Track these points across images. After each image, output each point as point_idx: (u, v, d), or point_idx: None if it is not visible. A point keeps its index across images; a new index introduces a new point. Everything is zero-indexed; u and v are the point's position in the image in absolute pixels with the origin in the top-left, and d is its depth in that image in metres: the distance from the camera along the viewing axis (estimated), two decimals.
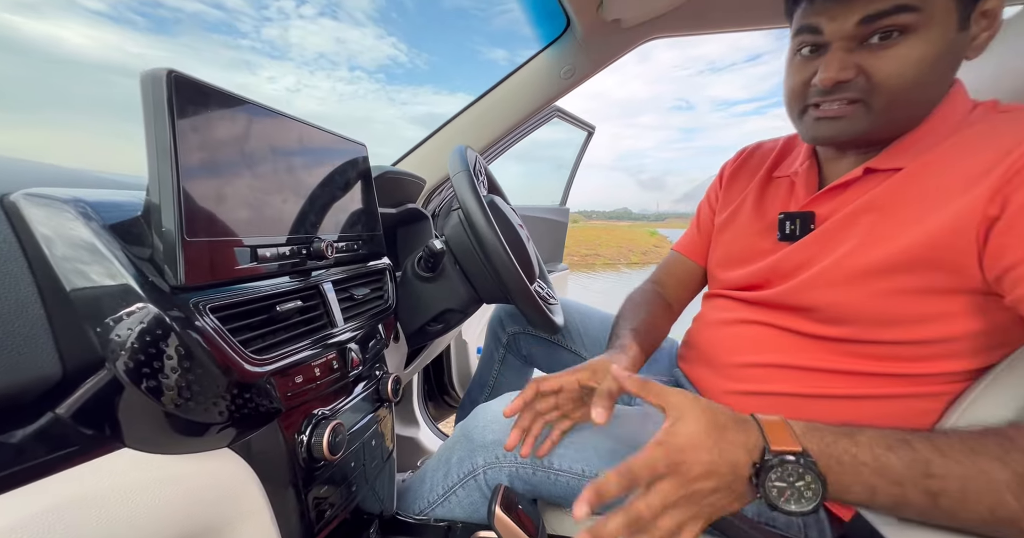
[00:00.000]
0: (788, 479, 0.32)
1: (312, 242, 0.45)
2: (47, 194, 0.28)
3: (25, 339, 0.25)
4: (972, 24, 0.42)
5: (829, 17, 0.43)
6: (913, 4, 0.39)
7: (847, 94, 0.44)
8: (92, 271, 0.28)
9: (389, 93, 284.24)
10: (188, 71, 0.30)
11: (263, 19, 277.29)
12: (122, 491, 0.27)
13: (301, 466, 0.38)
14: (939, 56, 0.41)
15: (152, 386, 0.28)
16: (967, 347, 0.44)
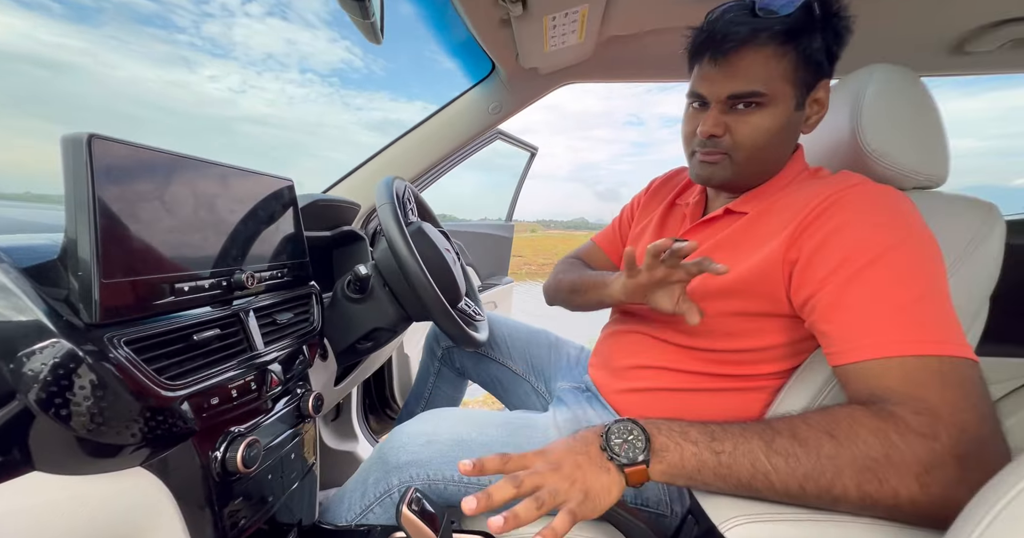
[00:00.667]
0: (623, 436, 0.42)
1: (234, 274, 0.49)
2: None
3: None
4: (806, 107, 0.56)
5: (708, 88, 0.55)
6: (762, 91, 0.52)
7: (718, 149, 0.57)
8: (5, 311, 0.31)
9: (344, 98, 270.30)
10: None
11: (203, 15, 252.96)
12: (32, 511, 0.31)
13: (215, 480, 0.42)
14: (780, 127, 0.54)
15: (64, 414, 0.32)
16: (780, 354, 0.56)
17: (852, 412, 0.40)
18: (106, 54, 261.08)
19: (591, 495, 0.40)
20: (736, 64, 0.52)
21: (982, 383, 0.39)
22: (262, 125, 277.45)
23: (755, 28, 0.50)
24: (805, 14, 0.50)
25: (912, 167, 0.59)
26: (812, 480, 0.38)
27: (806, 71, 0.52)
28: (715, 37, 0.52)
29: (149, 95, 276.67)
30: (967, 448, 0.36)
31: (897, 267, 0.44)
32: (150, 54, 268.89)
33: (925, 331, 0.41)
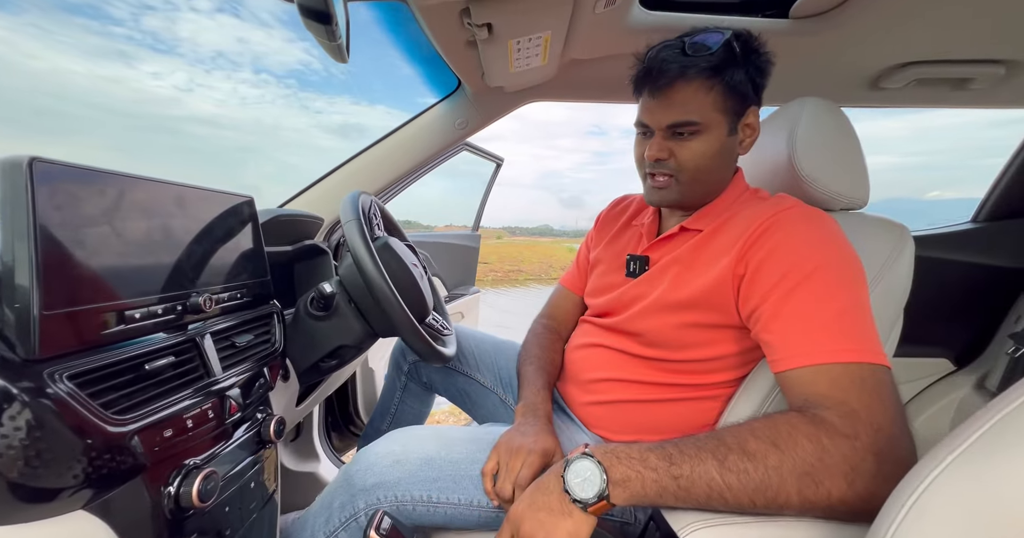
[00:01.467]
0: (582, 474, 0.44)
1: (190, 297, 0.47)
2: None
3: None
4: (739, 131, 0.61)
5: (651, 118, 0.60)
6: (697, 120, 0.57)
7: (665, 170, 0.61)
8: None
9: (302, 100, 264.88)
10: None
11: (143, 7, 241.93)
12: None
13: (167, 517, 0.39)
14: (717, 151, 0.60)
15: None
16: (731, 363, 0.60)
17: (790, 420, 0.44)
18: (26, 43, 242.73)
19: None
20: (672, 97, 0.57)
21: (894, 387, 0.45)
22: (212, 126, 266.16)
23: (684, 65, 0.56)
24: (727, 52, 0.56)
25: (839, 191, 0.66)
26: (760, 493, 0.41)
27: (734, 101, 0.58)
28: (652, 73, 0.58)
29: (76, 90, 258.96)
30: (882, 445, 0.40)
31: (826, 283, 0.49)
32: (80, 46, 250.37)
33: (849, 341, 0.46)
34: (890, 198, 7.18)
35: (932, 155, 20.60)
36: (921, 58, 0.84)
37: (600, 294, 0.75)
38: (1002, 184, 1.08)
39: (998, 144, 1.11)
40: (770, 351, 0.51)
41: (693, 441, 0.45)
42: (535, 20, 0.69)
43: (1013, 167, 1.07)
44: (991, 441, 0.31)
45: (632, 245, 0.73)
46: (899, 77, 0.87)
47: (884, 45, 0.81)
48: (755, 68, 0.58)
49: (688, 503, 0.43)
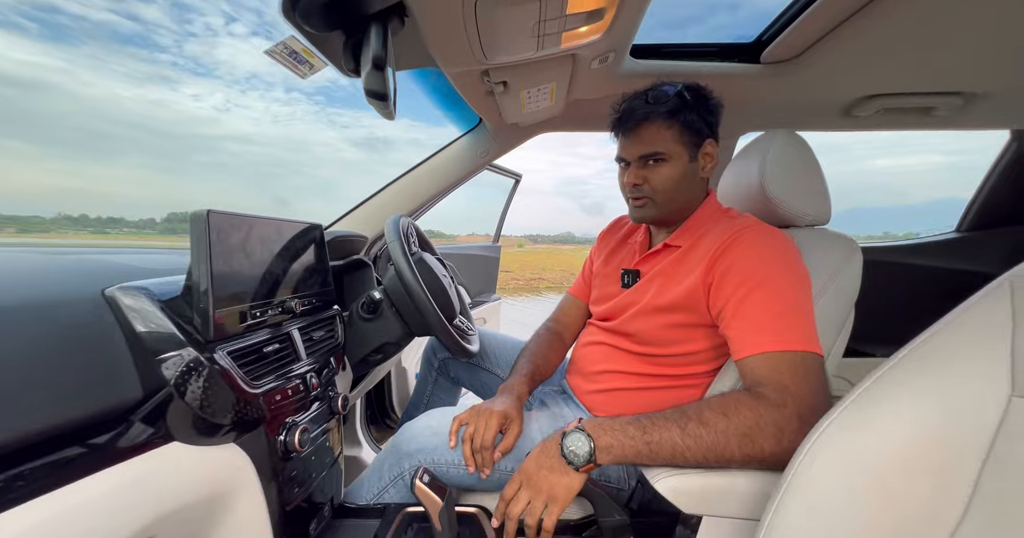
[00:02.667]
0: (575, 443, 0.58)
1: (285, 302, 0.64)
2: (129, 286, 0.46)
3: (120, 376, 0.43)
4: (700, 158, 0.75)
5: (626, 152, 0.76)
6: (661, 151, 0.72)
7: (642, 194, 0.76)
8: (158, 330, 0.46)
9: (329, 115, 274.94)
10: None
11: (186, 34, 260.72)
12: (173, 469, 0.45)
13: (279, 456, 0.56)
14: (681, 175, 0.74)
15: (192, 400, 0.46)
16: (706, 357, 0.73)
17: (737, 396, 0.57)
18: (84, 73, 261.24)
19: (556, 495, 0.57)
20: (640, 134, 0.73)
21: (820, 369, 0.58)
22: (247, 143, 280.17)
23: (647, 111, 0.72)
24: (680, 99, 0.72)
25: (803, 210, 0.78)
26: (712, 451, 0.55)
27: (691, 135, 0.73)
28: (623, 119, 0.75)
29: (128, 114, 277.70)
30: (804, 411, 0.53)
31: (772, 289, 0.62)
32: (130, 74, 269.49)
33: (788, 334, 0.59)
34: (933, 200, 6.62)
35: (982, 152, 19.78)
36: (885, 91, 0.95)
37: (602, 302, 0.89)
38: (983, 195, 1.16)
39: None
40: (731, 343, 0.64)
41: (662, 414, 0.59)
42: (542, 76, 0.85)
43: (992, 178, 1.14)
44: (859, 404, 0.44)
45: (627, 260, 0.88)
46: (867, 107, 0.98)
47: (849, 82, 0.93)
48: (705, 110, 0.74)
49: (657, 461, 0.57)
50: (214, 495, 0.49)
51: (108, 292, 0.46)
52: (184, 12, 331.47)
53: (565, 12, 0.59)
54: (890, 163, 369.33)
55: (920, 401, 0.40)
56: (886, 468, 0.40)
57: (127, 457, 0.42)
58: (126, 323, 0.45)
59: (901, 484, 0.39)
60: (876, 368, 0.45)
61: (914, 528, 0.38)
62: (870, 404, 0.44)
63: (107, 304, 0.45)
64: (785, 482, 0.46)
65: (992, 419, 0.37)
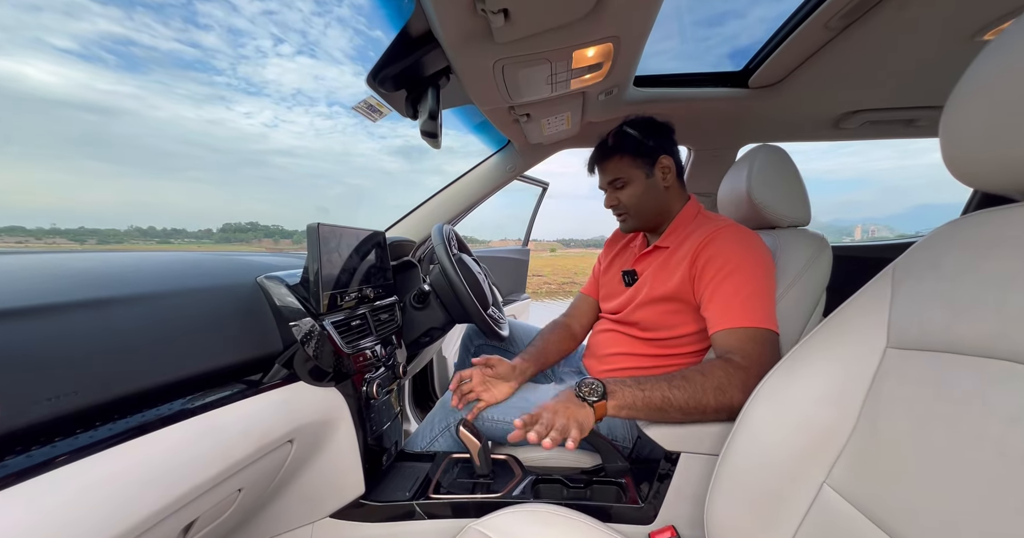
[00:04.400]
0: (589, 385, 0.71)
1: (361, 290, 0.86)
2: (271, 275, 0.69)
3: (270, 334, 0.66)
4: (656, 172, 0.92)
5: (601, 181, 0.96)
6: (620, 176, 0.92)
7: (620, 211, 0.96)
8: (287, 303, 0.68)
9: (368, 127, 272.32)
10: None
11: (239, 57, 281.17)
12: (300, 398, 0.67)
13: (364, 400, 0.77)
14: (643, 191, 0.93)
15: (310, 350, 0.68)
16: (697, 338, 0.89)
17: (712, 361, 0.73)
18: (153, 97, 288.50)
19: (579, 420, 0.67)
20: (604, 167, 0.95)
21: (775, 341, 0.73)
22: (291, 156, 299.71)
23: (603, 151, 0.94)
24: (620, 136, 0.92)
25: (784, 213, 0.92)
26: (693, 399, 0.70)
27: (641, 158, 0.91)
28: (592, 159, 0.97)
29: (189, 133, 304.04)
30: (761, 371, 0.68)
31: (740, 278, 0.78)
32: (192, 96, 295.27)
33: (751, 314, 0.74)
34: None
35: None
36: (867, 107, 1.06)
37: (610, 299, 1.06)
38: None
39: None
40: (708, 321, 0.80)
41: (654, 376, 0.74)
42: (558, 108, 1.04)
43: None
44: (788, 363, 0.59)
45: (627, 262, 1.05)
46: (853, 120, 1.09)
47: (832, 100, 1.05)
48: (648, 135, 0.92)
49: (651, 409, 0.70)
50: (326, 420, 0.70)
51: (259, 279, 0.68)
52: (237, 37, 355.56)
53: (571, 67, 0.77)
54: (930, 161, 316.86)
55: (826, 355, 0.55)
56: (803, 405, 0.55)
57: (273, 388, 0.64)
58: (271, 300, 0.68)
59: (811, 414, 0.54)
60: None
61: (819, 441, 0.53)
62: (795, 363, 0.59)
63: (259, 287, 0.68)
64: (737, 422, 0.61)
65: (872, 364, 0.51)
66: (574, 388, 0.72)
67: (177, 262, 0.69)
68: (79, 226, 70.75)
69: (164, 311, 0.53)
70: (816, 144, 1.07)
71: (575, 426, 0.65)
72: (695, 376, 0.71)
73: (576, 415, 0.68)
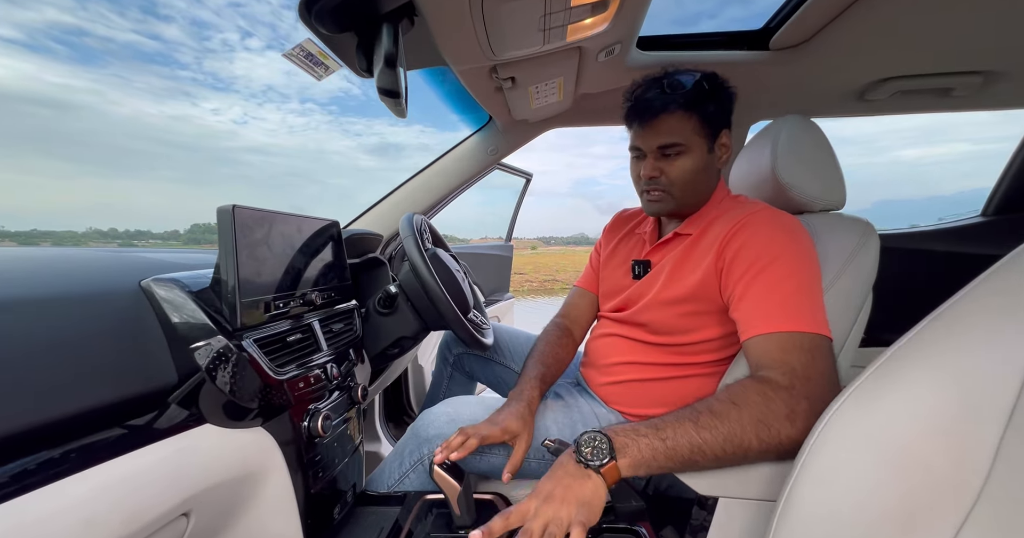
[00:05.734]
0: (590, 444, 0.53)
1: (306, 295, 0.67)
2: (162, 278, 0.49)
3: (157, 362, 0.46)
4: (716, 149, 0.75)
5: (643, 142, 0.75)
6: (681, 142, 0.72)
7: (658, 186, 0.76)
8: (190, 319, 0.49)
9: (343, 125, 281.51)
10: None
11: (205, 51, 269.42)
12: (206, 449, 0.48)
13: (304, 441, 0.58)
14: (699, 167, 0.74)
15: (222, 384, 0.49)
16: (722, 344, 0.73)
17: (742, 383, 0.57)
18: (111, 92, 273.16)
19: (586, 502, 0.50)
20: (658, 125, 0.72)
21: (829, 350, 0.57)
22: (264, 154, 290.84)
23: (666, 101, 0.70)
24: (698, 89, 0.70)
25: (817, 195, 0.77)
26: (729, 441, 0.52)
27: (709, 126, 0.72)
28: (639, 108, 0.73)
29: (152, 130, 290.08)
30: (811, 391, 0.53)
31: (780, 272, 0.62)
32: (153, 90, 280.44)
33: (794, 315, 0.59)
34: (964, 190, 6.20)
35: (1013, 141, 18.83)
36: (900, 73, 0.93)
37: (614, 294, 0.89)
38: (1009, 177, 1.12)
39: None
40: (739, 325, 0.64)
41: (672, 414, 0.56)
42: (549, 71, 0.87)
43: (1019, 160, 1.11)
44: (872, 382, 0.44)
45: (636, 251, 0.87)
46: (882, 90, 0.97)
47: (861, 65, 0.92)
48: (724, 99, 0.73)
49: (677, 461, 0.52)
50: (244, 475, 0.51)
51: (144, 284, 0.49)
52: (202, 29, 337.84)
53: (570, 4, 0.60)
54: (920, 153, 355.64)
55: (935, 374, 0.40)
56: (899, 443, 0.40)
57: (163, 437, 0.45)
58: (161, 313, 0.48)
59: (914, 457, 0.39)
60: (892, 346, 0.45)
61: (933, 491, 0.38)
62: (883, 382, 0.43)
63: (144, 295, 0.48)
64: (800, 461, 0.46)
65: (1014, 386, 0.36)
66: (573, 451, 0.54)
67: (24, 260, 0.48)
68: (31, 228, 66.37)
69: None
70: None
71: (579, 523, 0.47)
72: (726, 408, 0.54)
73: (579, 496, 0.50)
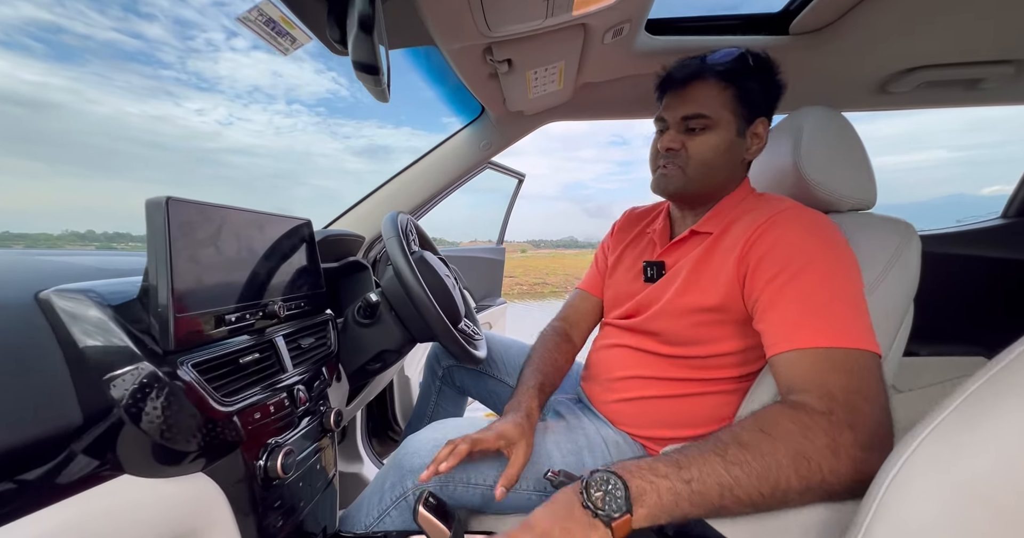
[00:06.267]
0: (602, 487, 0.43)
1: (267, 305, 0.56)
2: (69, 288, 0.39)
3: (54, 396, 0.36)
4: (747, 137, 0.67)
5: (668, 113, 0.68)
6: (708, 114, 0.64)
7: (676, 161, 0.68)
8: (104, 341, 0.38)
9: (331, 127, 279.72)
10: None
11: (189, 51, 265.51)
12: (123, 507, 0.37)
13: (259, 485, 0.48)
14: (725, 148, 0.66)
15: (147, 424, 0.39)
16: (747, 358, 0.65)
17: (773, 409, 0.48)
18: (90, 91, 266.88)
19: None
20: (688, 93, 0.66)
21: (876, 369, 0.48)
22: (249, 155, 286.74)
23: (702, 68, 0.65)
24: (740, 62, 0.64)
25: (845, 193, 0.69)
26: (764, 480, 0.43)
27: (744, 106, 0.65)
28: (673, 76, 0.67)
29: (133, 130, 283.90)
30: (856, 418, 0.44)
31: (816, 277, 0.54)
32: (134, 90, 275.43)
33: (832, 328, 0.50)
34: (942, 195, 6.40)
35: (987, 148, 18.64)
36: (927, 62, 0.86)
37: (621, 301, 0.80)
38: None
39: None
40: (764, 339, 0.55)
41: (695, 447, 0.46)
42: (550, 52, 0.78)
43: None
44: (965, 414, 0.35)
45: (648, 252, 0.78)
46: (907, 81, 0.90)
47: (887, 53, 0.85)
48: (767, 81, 0.66)
49: (704, 507, 0.43)
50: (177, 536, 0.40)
51: (43, 296, 0.38)
52: (186, 29, 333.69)
53: None
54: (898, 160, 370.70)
55: None
56: (1007, 493, 0.31)
57: (66, 495, 0.34)
58: (63, 332, 0.37)
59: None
60: (980, 368, 0.37)
61: None
62: (979, 413, 0.35)
63: (40, 310, 0.37)
64: (870, 510, 0.37)
65: None
66: (579, 490, 0.44)
67: None
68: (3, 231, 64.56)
69: None
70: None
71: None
72: (757, 439, 0.45)
73: (575, 533, 0.41)
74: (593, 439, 0.72)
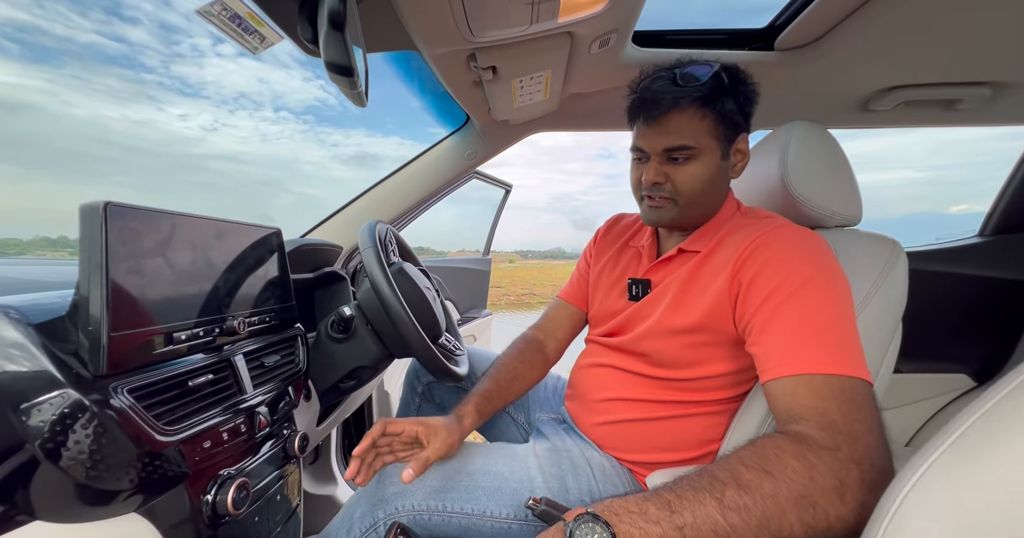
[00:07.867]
0: (588, 535, 0.39)
1: (226, 321, 0.52)
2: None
3: None
4: (731, 156, 0.65)
5: (647, 143, 0.64)
6: (691, 145, 0.61)
7: (662, 193, 0.64)
8: (18, 365, 0.34)
9: (319, 135, 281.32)
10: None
11: (174, 55, 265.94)
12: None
13: (205, 523, 0.43)
14: (712, 175, 0.63)
15: (69, 462, 0.34)
16: (735, 380, 0.62)
17: (776, 442, 0.44)
18: (67, 93, 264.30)
19: None
20: (667, 124, 0.61)
21: (873, 400, 0.46)
22: (234, 162, 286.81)
23: (677, 96, 0.59)
24: (716, 83, 0.60)
25: (832, 209, 0.68)
26: (765, 527, 0.39)
27: (725, 127, 0.62)
28: (646, 103, 0.62)
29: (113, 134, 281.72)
30: (861, 454, 0.41)
31: (812, 299, 0.52)
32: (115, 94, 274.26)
33: (831, 354, 0.48)
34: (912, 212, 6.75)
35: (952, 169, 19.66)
36: (907, 82, 0.88)
37: (605, 318, 0.76)
38: (1006, 197, 1.09)
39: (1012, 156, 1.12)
40: (758, 362, 0.53)
41: (688, 483, 0.43)
42: (536, 61, 0.76)
43: (1016, 180, 1.08)
44: (968, 442, 0.32)
45: (632, 268, 0.75)
46: (887, 100, 0.91)
47: (869, 71, 0.86)
48: (743, 98, 0.62)
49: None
50: None
51: None
52: (171, 33, 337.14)
53: None
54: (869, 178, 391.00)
55: None
56: (1009, 532, 0.29)
57: None
58: None
59: None
60: (962, 386, 0.34)
61: None
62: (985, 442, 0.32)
63: None
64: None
65: None
66: (562, 530, 0.41)
67: None
68: None
69: None
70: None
71: None
72: (758, 480, 0.41)
73: None
74: (578, 462, 0.68)
